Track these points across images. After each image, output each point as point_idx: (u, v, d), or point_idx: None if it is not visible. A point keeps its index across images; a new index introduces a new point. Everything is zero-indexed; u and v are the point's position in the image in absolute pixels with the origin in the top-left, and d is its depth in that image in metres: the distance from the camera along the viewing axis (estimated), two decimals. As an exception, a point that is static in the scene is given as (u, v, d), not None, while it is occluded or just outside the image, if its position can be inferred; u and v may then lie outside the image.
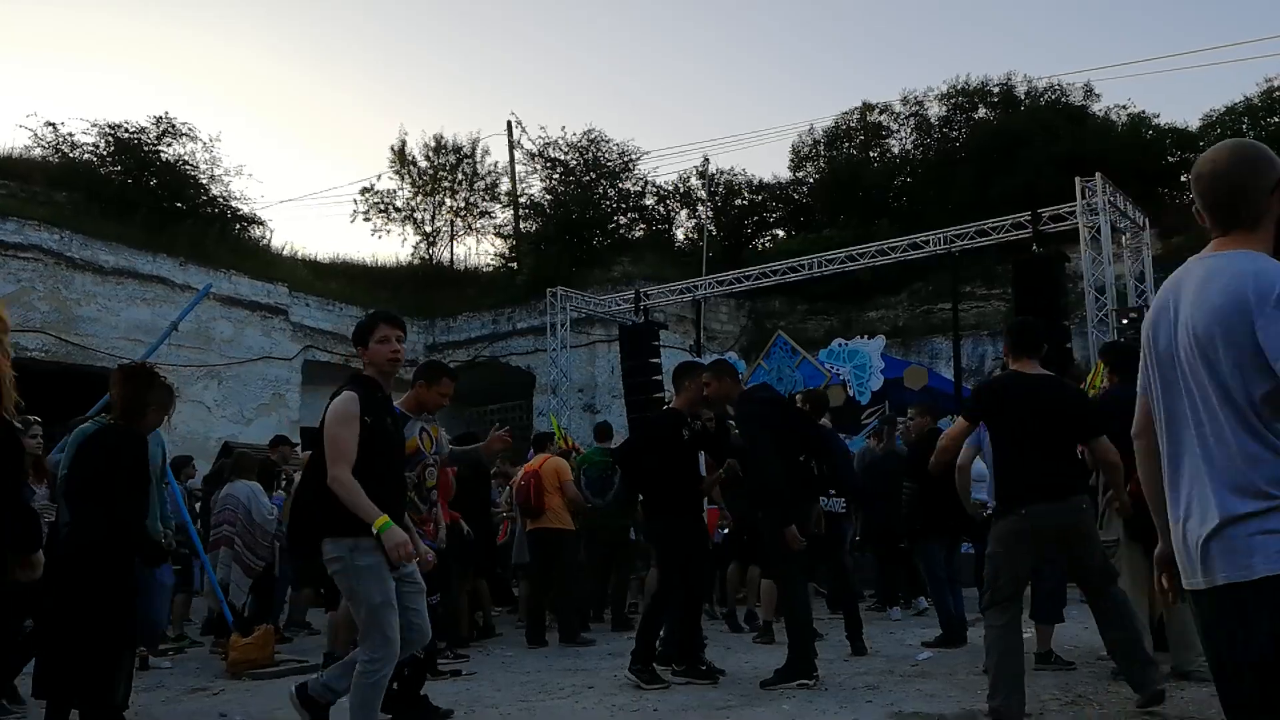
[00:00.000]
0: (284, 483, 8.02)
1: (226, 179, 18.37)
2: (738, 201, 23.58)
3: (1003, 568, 3.96)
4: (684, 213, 24.06)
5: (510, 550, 8.19)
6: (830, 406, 8.24)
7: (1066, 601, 5.39)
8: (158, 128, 17.36)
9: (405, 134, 31.75)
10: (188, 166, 17.79)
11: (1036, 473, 3.90)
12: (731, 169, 24.06)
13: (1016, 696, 3.82)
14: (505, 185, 24.19)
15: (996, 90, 22.22)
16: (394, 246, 33.56)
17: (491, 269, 22.96)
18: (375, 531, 3.18)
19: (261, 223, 19.32)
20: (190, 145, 17.74)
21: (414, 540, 3.42)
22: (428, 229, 23.77)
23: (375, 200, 23.55)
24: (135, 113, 33.61)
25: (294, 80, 52.31)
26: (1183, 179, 21.07)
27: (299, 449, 9.21)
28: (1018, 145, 19.61)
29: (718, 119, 52.58)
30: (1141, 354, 1.94)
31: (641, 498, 6.57)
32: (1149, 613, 4.68)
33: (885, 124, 23.31)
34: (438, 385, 4.55)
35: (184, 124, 17.65)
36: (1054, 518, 3.90)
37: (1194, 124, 20.68)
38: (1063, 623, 5.42)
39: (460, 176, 24.06)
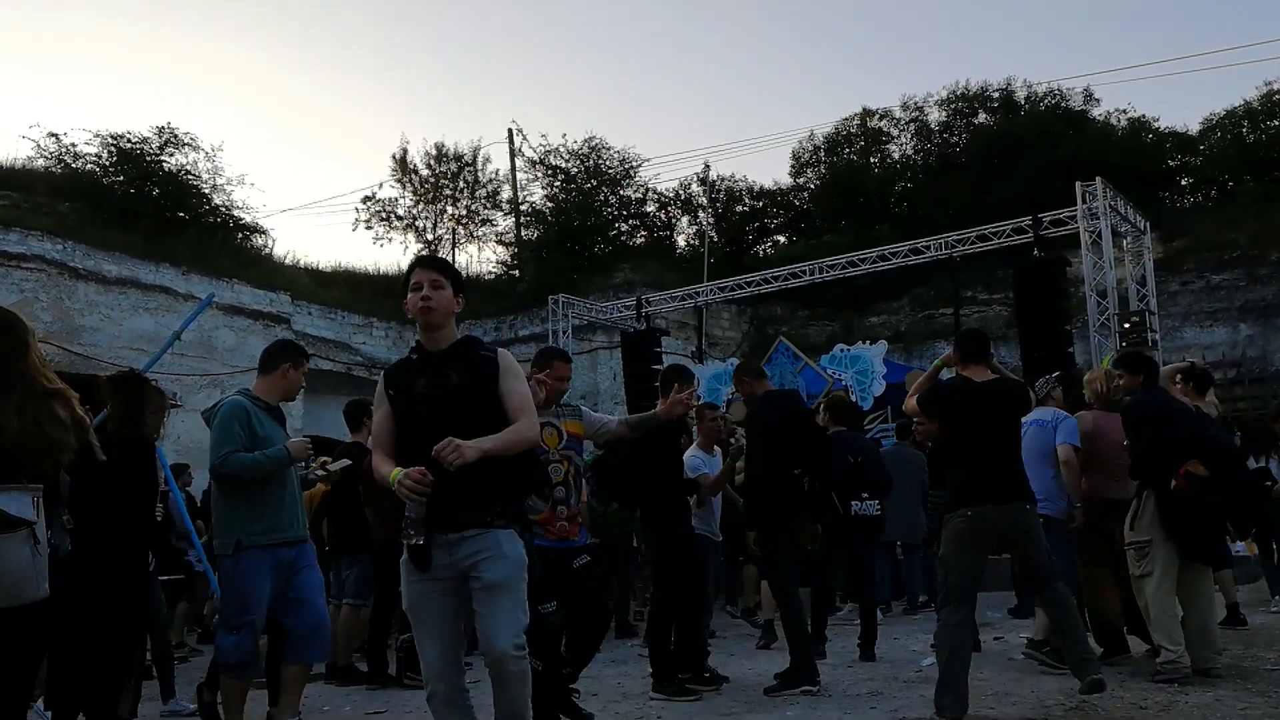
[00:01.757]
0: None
1: (229, 188, 18.44)
2: (739, 208, 23.62)
3: (953, 567, 4.12)
4: (685, 219, 24.14)
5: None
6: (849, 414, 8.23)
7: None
8: (160, 137, 17.44)
9: (407, 142, 32.00)
10: (190, 176, 17.86)
11: (982, 476, 4.08)
12: (732, 175, 24.14)
13: (961, 696, 4.00)
14: (506, 193, 24.29)
15: (996, 95, 22.27)
16: (396, 255, 33.60)
17: (493, 277, 23.00)
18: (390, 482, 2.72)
19: (264, 231, 19.40)
20: (192, 155, 17.82)
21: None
22: (429, 237, 23.84)
23: (377, 208, 23.65)
24: (138, 123, 33.76)
25: (295, 89, 52.51)
26: (1183, 183, 21.11)
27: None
28: (1018, 150, 19.65)
29: (718, 125, 52.72)
30: None
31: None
32: (1179, 610, 4.75)
33: (886, 129, 23.36)
34: (551, 370, 4.33)
35: (186, 134, 17.74)
36: (997, 519, 4.07)
37: (1194, 128, 20.74)
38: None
39: (462, 184, 24.14)
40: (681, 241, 23.72)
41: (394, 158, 24.02)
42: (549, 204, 23.21)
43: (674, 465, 5.32)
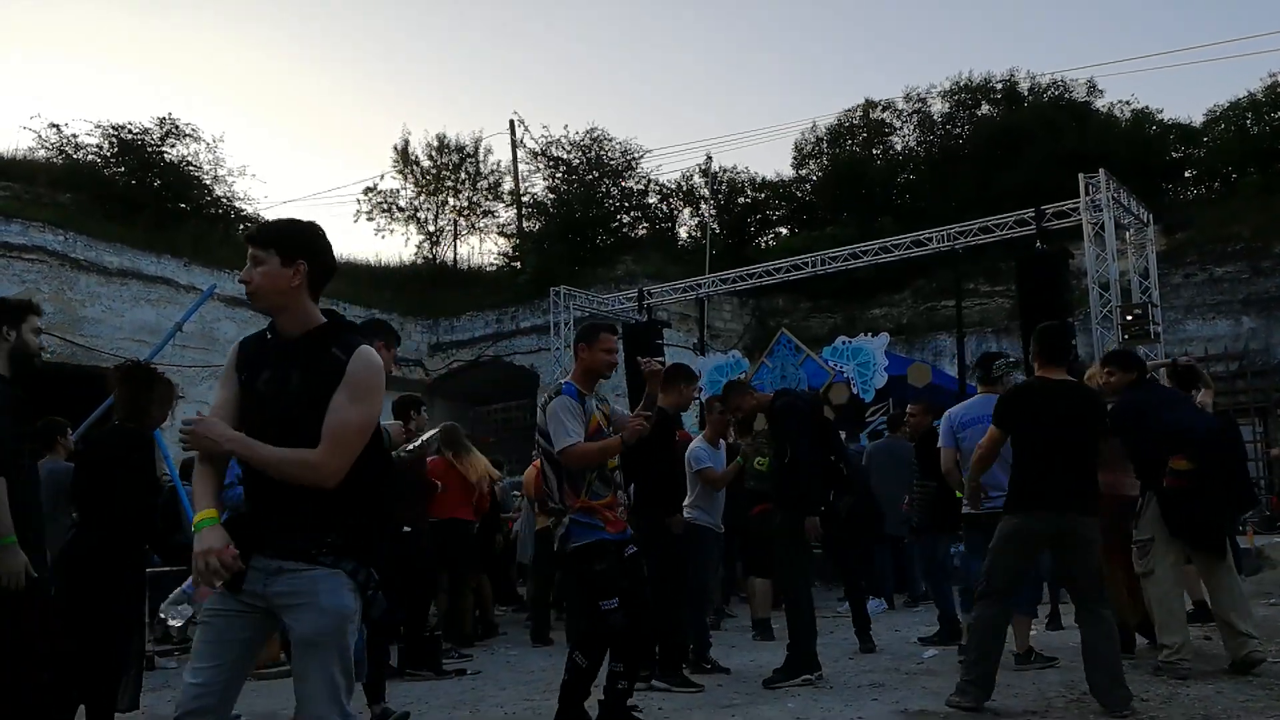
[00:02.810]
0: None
1: (230, 179, 18.45)
2: (740, 199, 23.56)
3: (998, 566, 4.12)
4: (687, 211, 24.09)
5: (515, 547, 8.20)
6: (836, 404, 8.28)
7: (1043, 599, 5.48)
8: (161, 129, 17.43)
9: (408, 133, 31.77)
10: (191, 167, 17.86)
11: (1045, 480, 4.05)
12: (734, 167, 24.11)
13: (986, 685, 4.06)
14: (508, 184, 24.24)
15: (999, 87, 22.18)
16: (397, 246, 33.71)
17: (495, 268, 22.98)
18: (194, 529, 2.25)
19: (266, 223, 19.38)
20: (194, 146, 17.82)
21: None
22: (431, 228, 23.81)
23: (378, 200, 23.61)
24: (139, 114, 33.67)
25: (296, 80, 52.39)
26: (1186, 175, 21.04)
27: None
28: (1021, 142, 19.58)
29: (720, 117, 52.57)
30: None
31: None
32: (1188, 604, 4.80)
33: (888, 121, 23.28)
34: (598, 343, 4.12)
35: (187, 125, 17.74)
36: (1047, 526, 4.06)
37: (1198, 119, 20.65)
38: (1035, 617, 5.50)
39: (463, 176, 24.10)
40: (683, 233, 23.70)
41: (395, 149, 24.00)
42: (550, 195, 23.17)
43: (668, 457, 5.33)
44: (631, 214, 23.01)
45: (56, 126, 16.82)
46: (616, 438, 4.00)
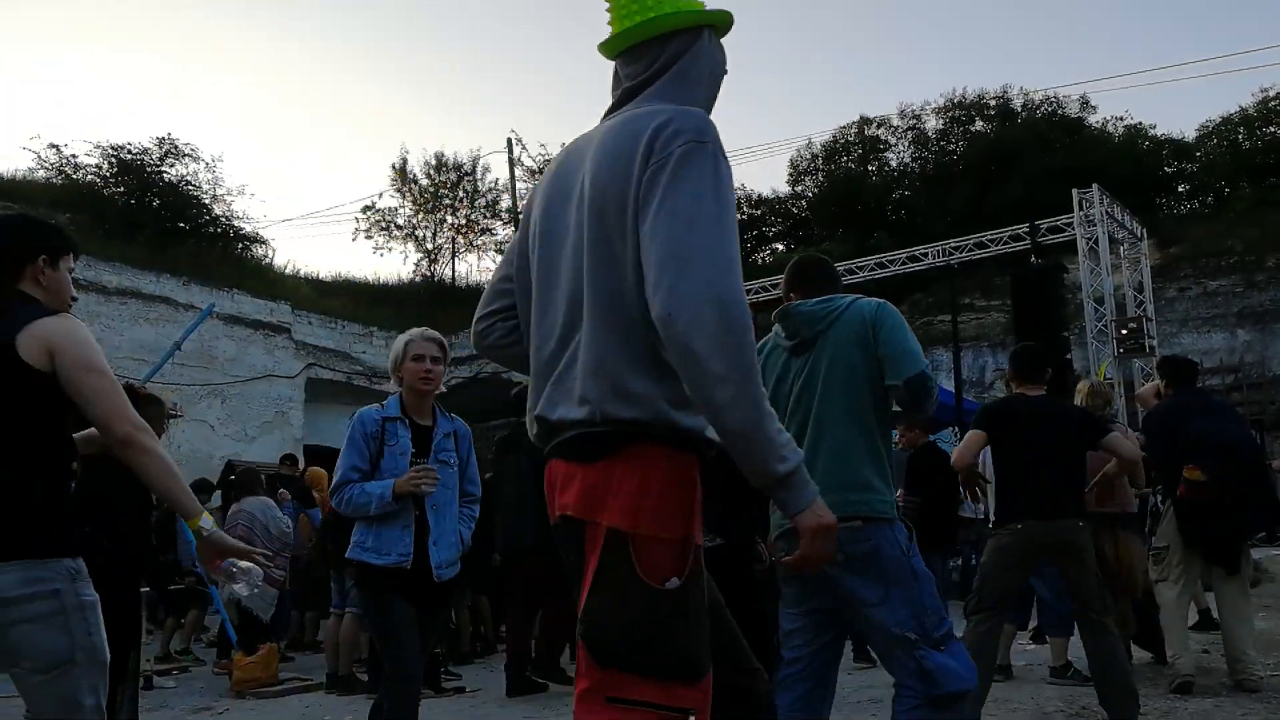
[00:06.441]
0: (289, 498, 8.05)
1: (229, 199, 18.53)
2: (737, 215, 23.68)
3: (991, 577, 4.11)
4: (684, 227, 24.16)
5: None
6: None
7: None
8: (160, 148, 17.53)
9: (406, 152, 31.89)
10: (190, 187, 17.94)
11: (1033, 492, 4.03)
12: (730, 183, 24.15)
13: (978, 700, 3.91)
14: (506, 202, 24.35)
15: (993, 103, 22.39)
16: (396, 264, 33.81)
17: (493, 285, 23.05)
18: None
19: (264, 241, 19.46)
20: (193, 165, 17.91)
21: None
22: (429, 246, 23.92)
23: (377, 218, 23.72)
24: (138, 134, 33.85)
25: (295, 100, 52.67)
26: (1180, 189, 21.19)
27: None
28: (1015, 157, 19.75)
29: (717, 134, 52.70)
30: None
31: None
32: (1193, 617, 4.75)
33: (883, 137, 23.46)
34: None
35: (186, 144, 17.84)
36: (1046, 535, 4.04)
37: (1190, 135, 20.85)
38: (1074, 635, 5.43)
39: (461, 194, 24.23)
40: (680, 250, 23.77)
41: (393, 167, 24.15)
42: (548, 213, 23.26)
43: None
44: (628, 231, 23.11)
45: (56, 147, 16.92)
46: None
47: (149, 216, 16.60)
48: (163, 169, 17.54)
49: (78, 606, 1.97)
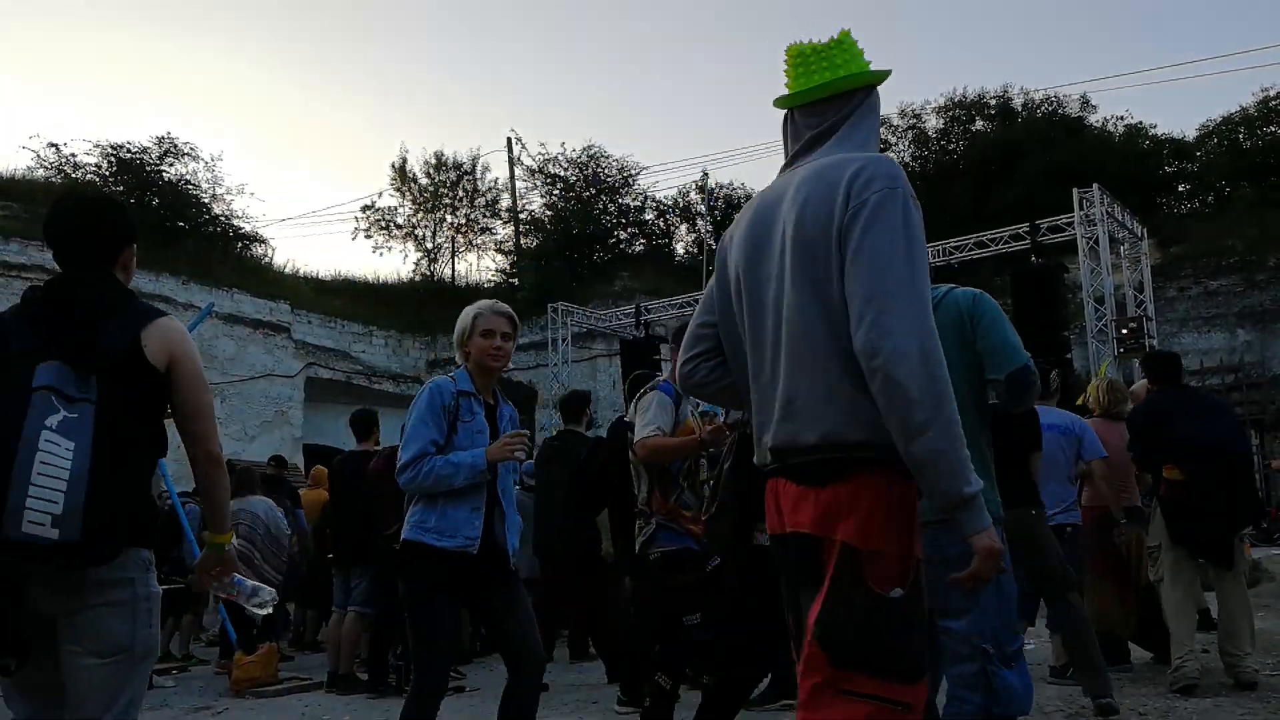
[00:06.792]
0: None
1: (228, 198, 18.56)
2: (737, 215, 23.69)
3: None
4: (684, 227, 24.18)
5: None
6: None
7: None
8: (160, 148, 17.55)
9: (406, 151, 31.85)
10: (190, 186, 17.96)
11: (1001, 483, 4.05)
12: (731, 183, 24.18)
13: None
14: (506, 201, 24.37)
15: (994, 102, 22.37)
16: (395, 263, 33.78)
17: (493, 285, 23.04)
18: None
19: (263, 241, 19.48)
20: (192, 165, 17.94)
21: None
22: (429, 246, 23.91)
23: (376, 217, 23.71)
24: (137, 133, 33.87)
25: (295, 99, 52.66)
26: (1180, 189, 21.19)
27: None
28: (1015, 157, 19.73)
29: (717, 133, 52.89)
30: None
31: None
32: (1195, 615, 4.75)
33: (883, 137, 23.38)
34: None
35: (186, 144, 17.87)
36: (1011, 520, 4.05)
37: (1191, 134, 20.84)
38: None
39: (461, 193, 24.21)
40: (680, 249, 23.79)
41: (393, 167, 24.14)
42: (548, 212, 23.28)
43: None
44: (628, 230, 23.12)
45: (55, 146, 16.96)
46: (695, 437, 3.68)
47: (148, 215, 16.61)
48: (162, 168, 17.57)
49: (146, 597, 2.03)
